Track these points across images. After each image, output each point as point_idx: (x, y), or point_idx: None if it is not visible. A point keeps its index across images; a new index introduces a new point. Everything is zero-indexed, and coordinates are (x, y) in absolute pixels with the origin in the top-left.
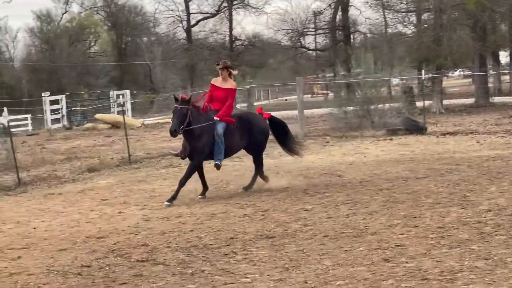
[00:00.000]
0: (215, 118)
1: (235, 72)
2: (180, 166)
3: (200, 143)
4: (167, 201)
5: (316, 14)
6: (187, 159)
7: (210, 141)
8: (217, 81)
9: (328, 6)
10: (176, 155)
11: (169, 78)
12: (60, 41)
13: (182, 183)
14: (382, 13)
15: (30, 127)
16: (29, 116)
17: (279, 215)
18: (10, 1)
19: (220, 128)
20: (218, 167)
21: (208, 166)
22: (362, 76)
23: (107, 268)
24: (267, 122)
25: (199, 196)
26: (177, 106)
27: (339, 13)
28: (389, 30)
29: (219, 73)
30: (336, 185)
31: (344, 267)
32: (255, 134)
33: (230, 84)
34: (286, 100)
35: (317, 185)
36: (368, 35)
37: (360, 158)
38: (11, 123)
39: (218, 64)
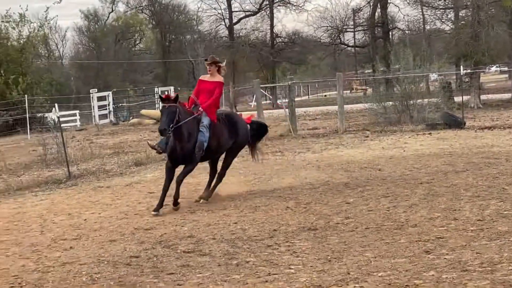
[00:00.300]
0: (200, 109)
1: (223, 64)
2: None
3: (191, 143)
4: (174, 205)
5: (355, 11)
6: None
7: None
8: (205, 77)
9: (367, 4)
10: (153, 147)
11: None
12: (107, 40)
13: (180, 181)
14: (420, 10)
15: (78, 123)
16: (77, 112)
17: (321, 208)
18: (60, 1)
19: (206, 120)
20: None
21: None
22: (401, 72)
23: (155, 259)
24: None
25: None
26: (165, 105)
27: (378, 10)
28: (428, 27)
29: (207, 69)
30: (377, 179)
31: (386, 258)
32: (241, 135)
33: (218, 78)
34: (325, 95)
35: (357, 179)
36: (407, 32)
37: (400, 152)
38: (61, 119)
39: (206, 60)
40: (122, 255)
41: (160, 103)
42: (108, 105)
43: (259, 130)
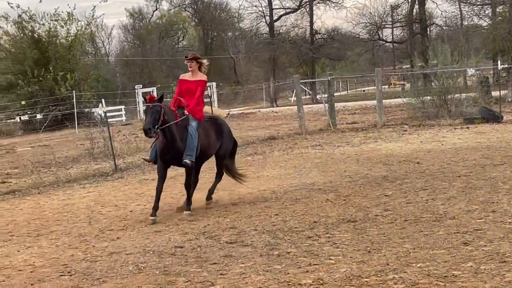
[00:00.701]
0: (185, 112)
1: (205, 61)
2: (264, 153)
3: (181, 144)
4: (186, 210)
5: (394, 8)
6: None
7: (192, 138)
8: (185, 76)
9: (405, 0)
10: (146, 160)
11: (252, 70)
12: (151, 37)
13: (189, 185)
14: (458, 6)
15: (124, 118)
16: (123, 107)
17: (360, 200)
18: (106, 0)
19: (193, 122)
20: (187, 165)
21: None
22: (439, 67)
23: (198, 249)
24: None
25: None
26: (149, 105)
27: (416, 6)
28: (465, 23)
29: (188, 67)
30: (415, 172)
31: (424, 250)
32: (226, 137)
33: (200, 76)
34: (363, 90)
35: (396, 172)
36: (444, 28)
37: (438, 146)
38: (107, 114)
39: (186, 57)
40: (167, 245)
41: (144, 104)
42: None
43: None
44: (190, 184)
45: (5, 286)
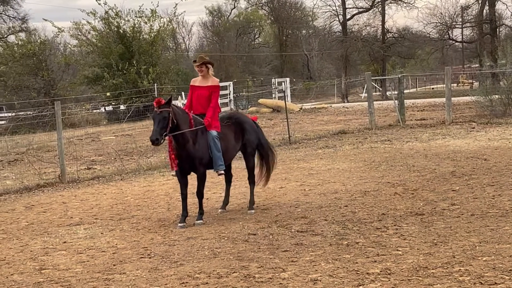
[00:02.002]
0: (203, 122)
1: (211, 69)
2: (335, 147)
3: (197, 148)
4: (197, 219)
5: (464, 8)
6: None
7: (206, 144)
8: (196, 81)
9: (475, 1)
10: (175, 175)
11: (325, 67)
12: (229, 34)
13: (201, 194)
14: None
15: None
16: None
17: (427, 194)
18: None
19: (213, 133)
20: (221, 174)
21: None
22: (507, 66)
23: (270, 237)
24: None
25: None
26: (156, 110)
27: (486, 7)
28: None
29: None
30: (482, 168)
31: (490, 244)
32: (249, 132)
33: (212, 81)
34: (432, 88)
35: (463, 168)
36: None
37: (505, 144)
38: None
39: (194, 61)
40: (241, 232)
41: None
42: (229, 94)
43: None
44: (203, 193)
45: (89, 266)
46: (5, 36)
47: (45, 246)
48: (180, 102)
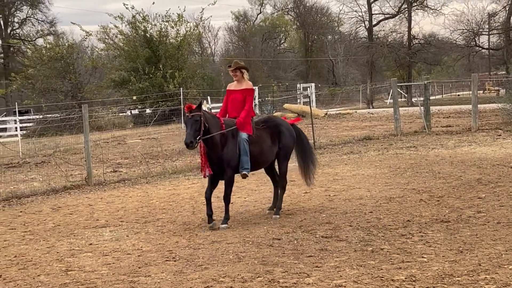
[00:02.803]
0: (235, 125)
1: (246, 74)
2: (360, 153)
3: (226, 151)
4: (222, 223)
5: (491, 15)
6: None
7: (236, 148)
8: (232, 86)
9: (503, 8)
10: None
11: (350, 73)
12: (254, 39)
13: (228, 199)
14: None
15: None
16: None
17: (453, 202)
18: (214, 3)
19: (243, 135)
20: (245, 176)
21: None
22: None
23: (295, 242)
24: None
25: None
26: (188, 115)
27: None
28: None
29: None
30: (509, 176)
31: None
32: (285, 137)
33: (246, 85)
34: (458, 95)
35: (489, 175)
36: None
37: None
38: (212, 111)
39: (229, 66)
40: (265, 236)
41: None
42: (254, 98)
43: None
44: (230, 197)
45: (114, 268)
46: (34, 39)
47: (71, 248)
48: (205, 106)
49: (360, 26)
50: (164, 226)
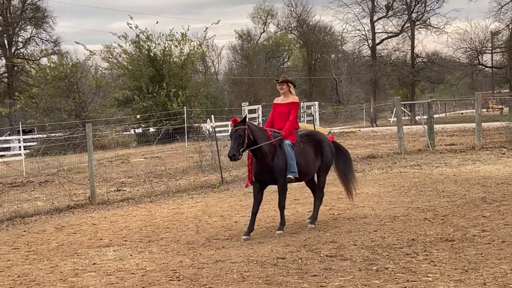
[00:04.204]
0: (281, 134)
1: (292, 88)
2: (364, 171)
3: (276, 161)
4: (278, 230)
5: (494, 34)
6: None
7: (285, 157)
8: (278, 100)
9: (506, 27)
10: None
11: (353, 91)
12: (258, 57)
13: (283, 206)
14: None
15: None
16: (230, 123)
17: (458, 220)
18: (218, 22)
19: (287, 141)
20: (291, 180)
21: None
22: None
23: (299, 261)
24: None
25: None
26: (232, 129)
27: None
28: None
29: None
30: None
31: None
32: (327, 153)
33: (292, 98)
34: (462, 113)
35: (494, 194)
36: None
37: None
38: (215, 129)
39: (277, 81)
40: (269, 256)
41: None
42: (258, 117)
43: (341, 155)
44: (284, 204)
45: None
46: (38, 58)
47: (75, 268)
48: (209, 125)
49: (364, 44)
50: (168, 245)
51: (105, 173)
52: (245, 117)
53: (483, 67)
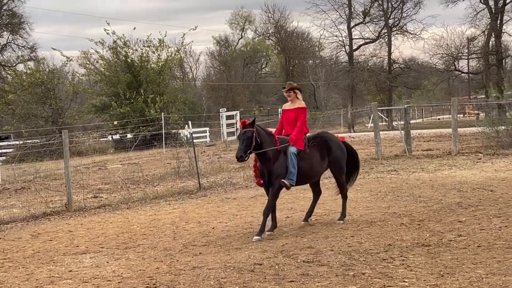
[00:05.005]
0: (288, 141)
1: (299, 94)
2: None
3: (276, 165)
4: (256, 235)
5: (470, 39)
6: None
7: (286, 164)
8: (286, 106)
9: (482, 33)
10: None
11: (331, 97)
12: (236, 63)
13: (266, 213)
14: None
15: (208, 139)
16: (207, 129)
17: (434, 225)
18: (195, 28)
19: (293, 148)
20: (286, 187)
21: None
22: None
23: (276, 267)
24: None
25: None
26: (241, 131)
27: (492, 39)
28: None
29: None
30: (489, 199)
31: (497, 276)
32: (334, 151)
33: (299, 104)
34: (439, 119)
35: (470, 199)
36: None
37: None
38: (193, 135)
39: (283, 88)
40: (246, 262)
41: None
42: (236, 123)
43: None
44: (269, 212)
45: None
46: (14, 64)
47: (50, 275)
48: (186, 131)
49: (341, 50)
50: (144, 252)
51: (82, 180)
52: (254, 120)
53: (460, 73)
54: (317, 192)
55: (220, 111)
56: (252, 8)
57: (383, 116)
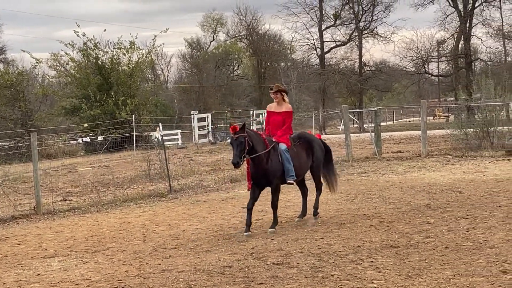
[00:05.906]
0: (274, 140)
1: (286, 96)
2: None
3: (270, 164)
4: (271, 228)
5: (440, 43)
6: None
7: (279, 160)
8: (272, 107)
9: (451, 36)
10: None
11: (303, 99)
12: (208, 66)
13: (275, 205)
14: (502, 43)
15: (180, 141)
16: (179, 131)
17: (403, 227)
18: (166, 30)
19: (282, 146)
20: (290, 184)
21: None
22: (482, 100)
23: (246, 269)
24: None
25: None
26: (233, 137)
27: (462, 42)
28: (509, 58)
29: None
30: (457, 201)
31: (464, 277)
32: (317, 151)
33: (286, 107)
34: (409, 121)
35: (438, 201)
36: (489, 63)
37: (480, 177)
38: (164, 138)
39: (271, 89)
40: (216, 264)
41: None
42: (207, 125)
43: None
44: (277, 204)
45: None
46: None
47: (18, 279)
48: (157, 133)
49: (312, 53)
50: (114, 255)
51: (51, 183)
52: (244, 124)
53: (429, 75)
54: (304, 191)
55: (192, 113)
56: (224, 11)
57: (354, 119)
